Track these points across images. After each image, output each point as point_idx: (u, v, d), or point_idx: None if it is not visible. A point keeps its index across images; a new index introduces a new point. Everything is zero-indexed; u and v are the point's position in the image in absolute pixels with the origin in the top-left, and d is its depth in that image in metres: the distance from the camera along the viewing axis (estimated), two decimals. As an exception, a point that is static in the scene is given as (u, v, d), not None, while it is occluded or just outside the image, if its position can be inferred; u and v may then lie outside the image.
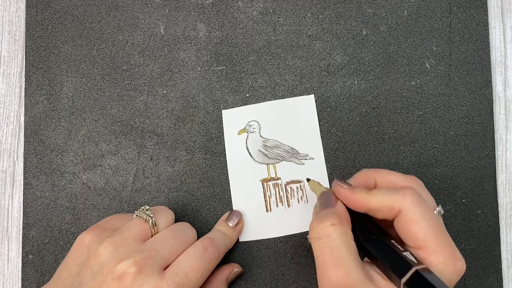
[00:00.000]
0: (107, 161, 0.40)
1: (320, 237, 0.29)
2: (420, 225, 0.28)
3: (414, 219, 0.28)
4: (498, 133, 0.40)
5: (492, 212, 0.39)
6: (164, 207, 0.36)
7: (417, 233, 0.28)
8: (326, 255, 0.29)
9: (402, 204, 0.29)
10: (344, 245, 0.29)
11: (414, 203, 0.29)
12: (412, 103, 0.40)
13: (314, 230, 0.30)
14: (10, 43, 0.41)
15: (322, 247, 0.29)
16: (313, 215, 0.33)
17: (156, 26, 0.41)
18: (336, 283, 0.28)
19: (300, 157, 0.39)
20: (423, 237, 0.28)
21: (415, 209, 0.28)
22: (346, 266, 0.28)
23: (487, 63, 0.40)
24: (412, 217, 0.28)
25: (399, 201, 0.29)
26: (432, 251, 0.28)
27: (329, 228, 0.29)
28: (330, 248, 0.29)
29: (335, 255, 0.29)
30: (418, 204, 0.29)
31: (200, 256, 0.32)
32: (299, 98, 0.40)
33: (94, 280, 0.30)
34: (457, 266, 0.28)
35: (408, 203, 0.29)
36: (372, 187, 0.32)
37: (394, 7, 0.41)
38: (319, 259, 0.29)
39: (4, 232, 0.40)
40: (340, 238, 0.29)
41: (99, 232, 0.32)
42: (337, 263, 0.28)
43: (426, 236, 0.28)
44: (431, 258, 0.28)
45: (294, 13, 0.41)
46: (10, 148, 0.40)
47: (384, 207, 0.29)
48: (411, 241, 0.29)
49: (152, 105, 0.40)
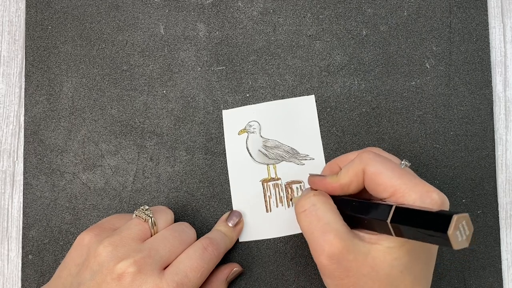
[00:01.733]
0: (107, 161, 0.40)
1: (305, 209, 0.31)
2: (383, 174, 0.30)
3: (377, 171, 0.30)
4: (498, 133, 0.40)
5: (492, 212, 0.39)
6: (164, 207, 0.36)
7: (383, 182, 0.29)
8: (313, 224, 0.30)
9: (361, 165, 0.31)
10: (329, 211, 0.31)
11: (371, 159, 0.30)
12: (412, 103, 0.40)
13: (298, 204, 0.32)
14: (10, 43, 0.41)
15: (308, 217, 0.31)
16: None
17: (156, 26, 0.41)
18: (328, 248, 0.29)
19: (300, 157, 0.39)
20: (390, 183, 0.29)
21: (374, 163, 0.30)
22: (335, 229, 0.29)
23: (487, 63, 0.40)
24: (374, 170, 0.30)
25: (359, 164, 0.31)
26: (404, 192, 0.29)
27: (312, 198, 0.32)
28: (316, 216, 0.30)
29: (322, 220, 0.30)
30: (375, 158, 0.30)
31: (200, 256, 0.32)
32: (300, 99, 0.40)
33: (94, 280, 0.30)
34: (432, 197, 0.28)
35: (366, 161, 0.30)
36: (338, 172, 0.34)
37: (394, 7, 0.41)
38: (308, 231, 0.31)
39: (4, 232, 0.40)
40: (324, 205, 0.31)
41: (98, 232, 0.32)
42: (325, 228, 0.30)
43: (393, 181, 0.29)
44: (406, 199, 0.29)
45: (294, 13, 0.41)
46: (10, 148, 0.40)
47: (352, 177, 0.31)
48: (383, 192, 0.30)
49: (152, 105, 0.40)
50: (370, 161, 0.30)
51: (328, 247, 0.29)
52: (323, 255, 0.29)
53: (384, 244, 0.29)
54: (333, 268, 0.29)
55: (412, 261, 0.29)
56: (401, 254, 0.29)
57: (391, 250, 0.29)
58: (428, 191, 0.28)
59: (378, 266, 0.29)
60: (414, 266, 0.29)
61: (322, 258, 0.29)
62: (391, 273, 0.29)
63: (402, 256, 0.29)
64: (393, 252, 0.29)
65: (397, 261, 0.29)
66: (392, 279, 0.29)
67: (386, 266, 0.29)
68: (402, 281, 0.29)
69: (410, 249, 0.29)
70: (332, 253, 0.29)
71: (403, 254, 0.29)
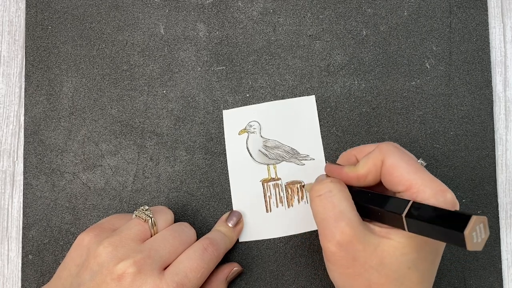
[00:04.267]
0: (107, 161, 0.40)
1: (321, 194, 0.31)
2: (401, 167, 0.30)
3: (395, 163, 0.30)
4: (498, 133, 0.40)
5: (492, 212, 0.39)
6: (164, 207, 0.36)
7: (400, 174, 0.29)
8: (328, 210, 0.30)
9: (381, 156, 0.31)
10: (345, 199, 0.31)
11: (390, 151, 0.30)
12: (412, 103, 0.40)
13: (314, 188, 0.32)
14: (10, 43, 0.41)
15: (323, 202, 0.31)
16: None
17: (156, 26, 0.41)
18: (339, 235, 0.29)
19: (301, 157, 0.39)
20: (407, 177, 0.29)
21: (393, 155, 0.30)
22: (348, 218, 0.30)
23: (487, 63, 0.40)
24: (392, 162, 0.30)
25: (378, 156, 0.31)
26: (419, 188, 0.29)
27: (329, 184, 0.31)
28: (331, 203, 0.30)
29: (337, 208, 0.30)
30: (394, 150, 0.30)
31: (200, 257, 0.32)
32: (300, 99, 0.40)
33: (94, 280, 0.30)
34: (447, 197, 0.28)
35: (385, 152, 0.30)
36: (355, 163, 0.34)
37: (394, 7, 0.41)
38: (320, 216, 0.31)
39: (4, 232, 0.40)
40: (340, 193, 0.31)
41: (98, 233, 0.32)
42: (339, 215, 0.30)
43: (410, 175, 0.29)
44: (420, 194, 0.29)
45: (294, 13, 0.41)
46: (10, 148, 0.40)
47: (370, 168, 0.31)
48: (398, 185, 0.30)
49: (152, 105, 0.40)
50: (390, 152, 0.30)
51: (339, 234, 0.29)
52: (333, 242, 0.29)
53: (394, 239, 0.29)
54: (340, 255, 0.29)
55: (420, 258, 0.29)
56: (410, 250, 0.29)
57: (401, 245, 0.29)
58: (442, 190, 0.29)
59: (386, 259, 0.29)
60: (421, 264, 0.29)
61: (330, 245, 0.30)
62: (399, 268, 0.29)
63: (410, 252, 0.29)
64: (403, 247, 0.29)
65: (406, 256, 0.29)
66: (398, 274, 0.29)
67: (394, 260, 0.29)
68: (408, 277, 0.29)
69: (419, 246, 0.29)
70: (342, 240, 0.29)
71: (412, 250, 0.29)
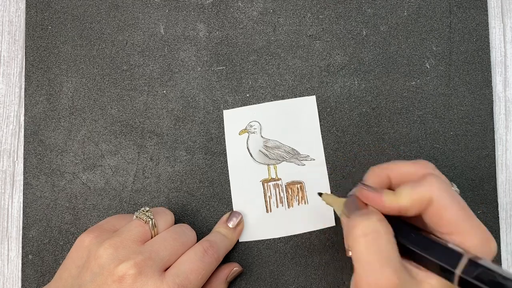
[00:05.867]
0: (107, 161, 0.40)
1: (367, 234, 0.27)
2: (452, 210, 0.27)
3: (445, 205, 0.27)
4: (498, 133, 0.40)
5: (492, 212, 0.39)
6: (164, 208, 0.36)
7: (450, 219, 0.27)
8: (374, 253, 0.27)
9: (431, 194, 0.27)
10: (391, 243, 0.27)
11: (441, 189, 0.27)
12: (412, 103, 0.40)
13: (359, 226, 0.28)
14: (10, 43, 0.41)
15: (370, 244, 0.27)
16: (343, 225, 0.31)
17: (156, 26, 0.41)
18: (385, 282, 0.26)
19: (301, 158, 0.39)
20: (455, 222, 0.27)
21: (444, 195, 0.27)
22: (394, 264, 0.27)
23: (487, 63, 0.40)
24: (443, 203, 0.27)
25: (427, 192, 0.28)
26: (466, 235, 0.27)
27: (377, 223, 0.28)
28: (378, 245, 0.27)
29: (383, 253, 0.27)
30: (445, 189, 0.28)
31: (200, 259, 0.32)
32: (301, 99, 0.40)
33: (94, 282, 0.30)
34: (491, 247, 0.27)
35: (436, 191, 0.27)
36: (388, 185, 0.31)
37: (394, 7, 0.41)
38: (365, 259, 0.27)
39: (4, 232, 0.40)
40: (387, 235, 0.27)
41: (98, 234, 0.32)
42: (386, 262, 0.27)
43: (458, 220, 0.27)
44: (466, 243, 0.27)
45: (294, 13, 0.41)
46: (10, 148, 0.40)
47: (415, 202, 0.28)
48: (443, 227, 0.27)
49: (152, 105, 0.40)
50: (440, 191, 0.27)
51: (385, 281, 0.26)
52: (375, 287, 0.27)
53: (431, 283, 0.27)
54: None
55: None
56: None
57: None
58: (488, 239, 0.27)
59: None
60: None
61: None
62: None
63: None
64: None
65: None
66: None
67: None
68: None
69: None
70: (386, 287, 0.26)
71: None
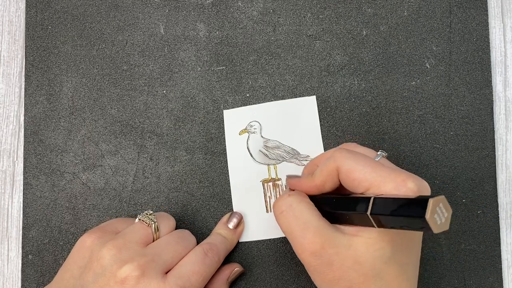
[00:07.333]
0: (107, 161, 0.40)
1: (282, 210, 0.31)
2: (357, 170, 0.29)
3: (350, 168, 0.30)
4: (498, 133, 0.40)
5: (492, 212, 0.39)
6: (166, 213, 0.36)
7: (358, 177, 0.29)
8: (292, 224, 0.31)
9: (334, 164, 0.30)
10: (306, 209, 0.31)
11: (343, 157, 0.30)
12: (412, 103, 0.40)
13: (276, 206, 0.32)
14: (10, 43, 0.41)
15: (286, 217, 0.31)
16: None
17: (156, 26, 0.41)
18: (309, 245, 0.29)
19: (301, 158, 0.39)
20: (364, 178, 0.29)
21: (346, 161, 0.30)
22: (313, 227, 0.30)
23: (487, 63, 0.40)
24: (347, 167, 0.30)
25: (332, 164, 0.31)
26: (379, 184, 0.28)
27: (288, 199, 0.32)
28: (293, 216, 0.31)
29: (300, 219, 0.30)
30: (347, 155, 0.30)
31: (201, 261, 0.32)
32: (301, 99, 0.40)
33: (97, 283, 0.30)
34: (408, 185, 0.28)
35: (339, 159, 0.30)
36: None
37: (394, 7, 0.41)
38: (287, 231, 0.31)
39: (4, 232, 0.40)
40: (300, 204, 0.31)
41: (100, 235, 0.32)
42: (304, 226, 0.30)
43: (366, 175, 0.29)
44: (382, 190, 0.28)
45: (294, 13, 0.41)
46: (10, 148, 0.40)
47: (326, 177, 0.31)
48: (358, 187, 0.29)
49: (152, 105, 0.40)
50: (343, 159, 0.30)
51: (308, 244, 0.29)
52: (306, 253, 0.30)
53: (364, 235, 0.29)
54: (316, 264, 0.29)
55: (396, 250, 0.29)
56: (383, 244, 0.28)
57: (372, 241, 0.29)
58: (403, 180, 0.28)
59: (361, 258, 0.29)
60: (398, 255, 0.29)
61: (304, 256, 0.30)
62: (375, 264, 0.29)
63: (384, 246, 0.28)
64: (375, 242, 0.28)
65: (380, 251, 0.28)
66: (377, 271, 0.29)
67: (369, 257, 0.28)
68: (387, 272, 0.29)
69: (392, 238, 0.29)
70: (313, 249, 0.29)
71: (385, 244, 0.28)
